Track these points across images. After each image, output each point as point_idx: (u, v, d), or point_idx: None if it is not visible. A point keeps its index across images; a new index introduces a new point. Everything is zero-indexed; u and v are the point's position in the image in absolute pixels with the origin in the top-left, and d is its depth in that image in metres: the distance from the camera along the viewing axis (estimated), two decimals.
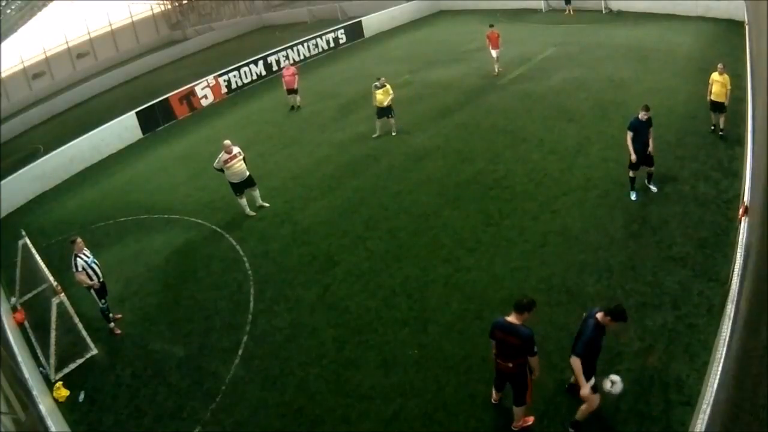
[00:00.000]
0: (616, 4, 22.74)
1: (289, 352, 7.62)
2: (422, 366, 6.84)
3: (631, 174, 9.16)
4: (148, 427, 6.99)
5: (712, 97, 10.44)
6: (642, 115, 8.73)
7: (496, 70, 17.14)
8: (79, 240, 8.72)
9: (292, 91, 18.29)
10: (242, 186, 11.24)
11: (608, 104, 13.24)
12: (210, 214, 12.10)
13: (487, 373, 6.49)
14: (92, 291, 8.75)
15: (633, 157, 8.90)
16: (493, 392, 6.08)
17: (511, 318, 5.25)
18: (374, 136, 14.20)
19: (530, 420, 5.78)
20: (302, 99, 18.61)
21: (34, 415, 6.52)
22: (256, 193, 11.62)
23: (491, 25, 17.32)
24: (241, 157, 11.02)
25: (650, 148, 8.93)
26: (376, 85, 13.77)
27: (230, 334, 8.25)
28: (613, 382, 5.18)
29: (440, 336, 7.23)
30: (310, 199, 11.77)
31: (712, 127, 10.84)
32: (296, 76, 18.20)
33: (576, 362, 5.13)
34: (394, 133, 14.02)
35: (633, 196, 9.22)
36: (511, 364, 5.35)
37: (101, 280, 8.84)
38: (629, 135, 8.88)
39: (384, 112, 13.85)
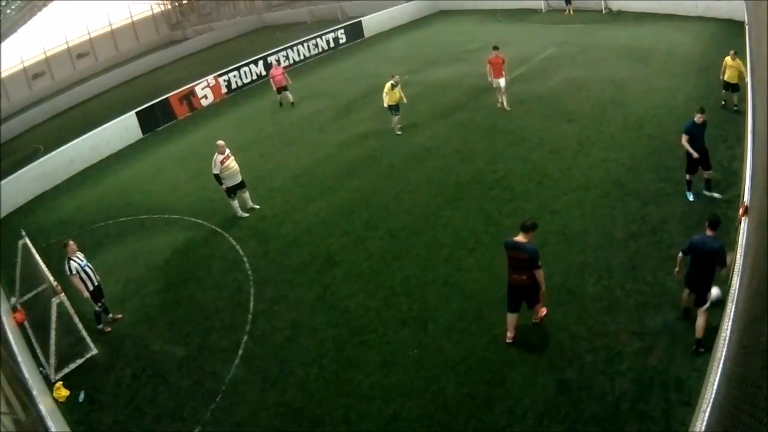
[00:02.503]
0: (616, 4, 22.74)
1: (289, 352, 7.62)
2: (422, 366, 6.83)
3: (687, 177, 8.92)
4: (148, 427, 7.00)
5: (726, 79, 11.50)
6: (698, 118, 8.53)
7: (504, 103, 13.96)
8: (71, 243, 8.72)
9: (282, 89, 18.71)
10: (235, 188, 11.28)
11: (608, 104, 13.23)
12: (210, 214, 12.10)
13: (487, 374, 6.50)
14: (90, 296, 8.71)
15: (694, 155, 8.57)
16: (507, 331, 6.80)
17: (519, 238, 6.34)
18: (399, 132, 14.02)
19: (545, 310, 7.03)
20: (305, 99, 18.67)
21: (34, 415, 6.52)
22: (247, 195, 11.67)
23: (495, 48, 13.67)
24: (232, 156, 11.11)
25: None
26: (392, 84, 13.60)
27: (230, 334, 8.25)
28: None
29: (440, 336, 7.23)
30: (310, 199, 11.77)
31: (723, 103, 11.89)
32: (285, 74, 18.86)
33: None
34: (399, 133, 14.06)
35: (690, 197, 8.91)
36: (524, 276, 6.34)
37: (96, 283, 8.83)
38: (684, 138, 8.67)
39: (396, 109, 13.80)
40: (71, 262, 8.53)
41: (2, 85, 35.51)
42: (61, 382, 7.93)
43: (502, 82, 13.63)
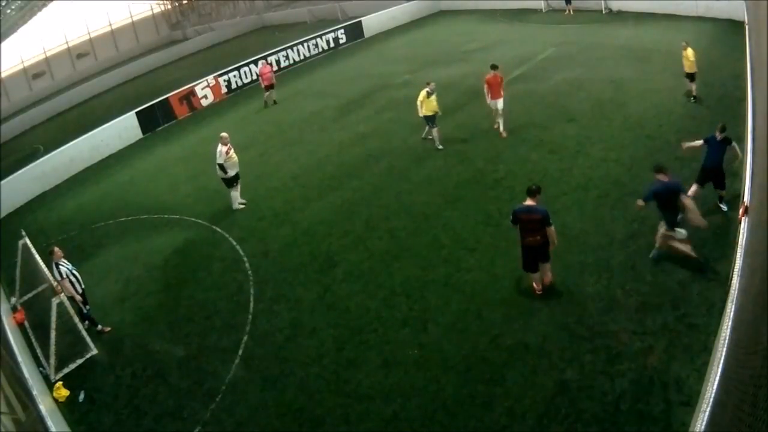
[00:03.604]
0: (616, 4, 22.75)
1: (289, 352, 7.62)
2: (422, 366, 6.83)
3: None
4: (148, 427, 6.99)
5: (687, 70, 12.61)
6: (718, 135, 8.23)
7: (501, 127, 12.67)
8: (57, 249, 8.85)
9: (270, 87, 19.48)
10: (234, 179, 11.77)
11: (608, 104, 13.23)
12: (210, 214, 12.09)
13: (487, 374, 6.50)
14: (75, 301, 8.73)
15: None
16: (534, 283, 7.49)
17: (528, 202, 7.03)
18: (440, 147, 12.61)
19: (551, 276, 7.54)
20: (305, 99, 18.77)
21: (34, 415, 6.53)
22: (239, 187, 12.06)
23: (494, 67, 12.23)
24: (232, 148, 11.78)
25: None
26: (428, 91, 12.19)
27: (230, 334, 8.25)
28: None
29: (440, 336, 7.23)
30: (310, 199, 11.77)
31: (690, 95, 12.70)
32: (273, 73, 19.79)
33: None
34: (440, 147, 12.63)
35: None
36: (538, 237, 7.01)
37: (82, 289, 8.88)
38: (699, 143, 8.44)
39: (433, 120, 12.45)
40: (60, 266, 8.62)
41: (2, 85, 35.49)
42: (61, 382, 7.93)
43: (500, 103, 12.38)
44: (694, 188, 8.25)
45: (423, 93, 12.20)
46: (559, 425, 5.69)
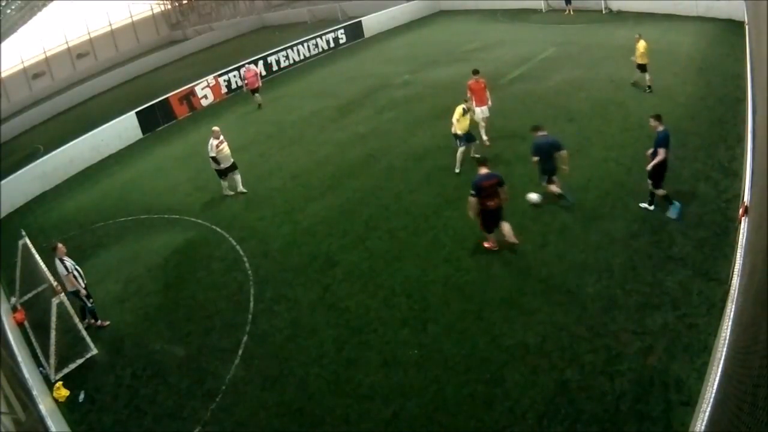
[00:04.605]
0: (616, 4, 22.75)
1: (289, 352, 7.62)
2: (422, 366, 6.83)
3: (663, 192, 8.58)
4: (148, 427, 7.00)
5: (638, 60, 13.48)
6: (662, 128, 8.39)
7: (483, 135, 12.19)
8: (60, 245, 8.95)
9: (255, 91, 19.56)
10: (227, 170, 12.44)
11: (608, 104, 13.23)
12: (210, 214, 12.10)
13: (487, 374, 6.50)
14: (79, 296, 8.88)
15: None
16: (490, 242, 8.59)
17: (484, 170, 8.17)
18: (457, 170, 11.30)
19: (514, 238, 8.48)
20: (304, 99, 18.74)
21: (34, 415, 6.53)
22: (238, 177, 12.67)
23: (475, 72, 11.98)
24: (225, 142, 12.38)
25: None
26: (464, 108, 10.97)
27: (230, 334, 8.25)
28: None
29: (440, 336, 7.23)
30: (310, 199, 11.77)
31: (637, 85, 13.75)
32: (258, 77, 19.83)
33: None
34: (478, 155, 11.18)
35: (674, 214, 8.42)
36: (496, 200, 8.10)
37: (84, 283, 9.03)
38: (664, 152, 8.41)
39: (471, 137, 11.26)
40: (64, 261, 8.74)
41: (2, 85, 35.49)
42: (61, 382, 7.93)
43: (485, 110, 11.94)
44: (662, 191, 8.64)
45: (459, 110, 10.96)
46: (559, 425, 5.69)
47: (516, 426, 5.80)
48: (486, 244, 8.64)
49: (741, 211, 6.80)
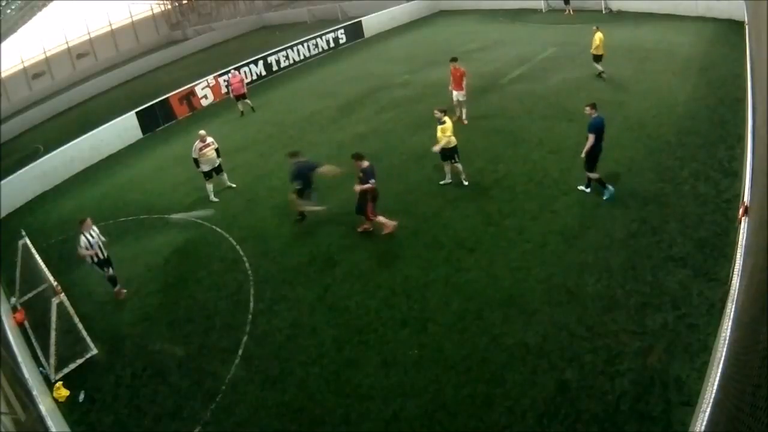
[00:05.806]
0: (616, 4, 22.74)
1: (289, 352, 7.62)
2: (422, 366, 6.84)
3: (597, 175, 9.44)
4: (148, 427, 7.00)
5: (594, 51, 14.68)
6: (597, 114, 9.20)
7: (463, 116, 13.59)
8: (88, 219, 9.47)
9: (241, 97, 19.19)
10: (212, 172, 12.58)
11: (608, 104, 13.20)
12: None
13: (487, 374, 6.51)
14: (95, 265, 9.41)
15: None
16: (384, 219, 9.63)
17: (365, 164, 9.39)
18: (442, 182, 11.09)
19: (370, 227, 9.75)
20: (304, 99, 18.68)
21: (34, 415, 6.52)
22: (224, 176, 13.01)
23: (453, 59, 13.39)
24: (214, 146, 12.43)
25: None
26: (438, 119, 10.40)
27: (230, 334, 8.25)
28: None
29: (440, 336, 7.23)
30: None
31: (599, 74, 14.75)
32: (243, 83, 19.66)
33: None
34: (466, 183, 10.86)
35: (606, 195, 9.35)
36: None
37: (104, 256, 9.52)
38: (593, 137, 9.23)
39: (451, 153, 10.58)
40: (83, 236, 9.20)
41: (2, 85, 35.47)
42: (61, 382, 7.93)
43: (460, 95, 13.37)
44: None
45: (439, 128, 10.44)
46: (559, 425, 5.69)
47: (516, 426, 5.81)
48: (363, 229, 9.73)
49: (741, 211, 6.80)
